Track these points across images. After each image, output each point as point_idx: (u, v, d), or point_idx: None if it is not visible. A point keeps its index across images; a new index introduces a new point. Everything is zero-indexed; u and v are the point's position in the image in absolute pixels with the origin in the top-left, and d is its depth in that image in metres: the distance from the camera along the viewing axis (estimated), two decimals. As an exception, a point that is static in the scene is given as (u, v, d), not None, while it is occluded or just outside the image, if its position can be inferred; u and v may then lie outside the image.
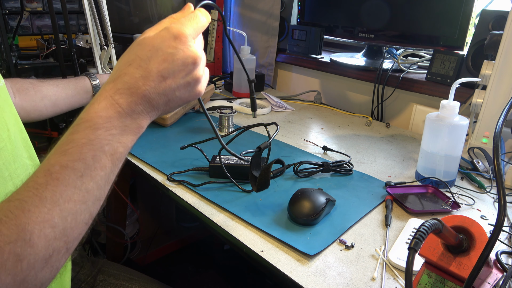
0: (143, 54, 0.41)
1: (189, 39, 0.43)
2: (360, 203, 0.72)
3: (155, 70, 0.41)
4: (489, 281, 0.47)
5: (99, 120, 0.39)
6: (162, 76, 0.42)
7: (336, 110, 1.31)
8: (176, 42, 0.42)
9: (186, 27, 0.43)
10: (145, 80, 0.41)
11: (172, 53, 0.42)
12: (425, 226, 0.39)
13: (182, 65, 0.43)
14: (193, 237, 1.87)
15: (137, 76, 0.41)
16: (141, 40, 0.42)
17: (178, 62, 0.42)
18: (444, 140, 0.76)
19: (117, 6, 1.46)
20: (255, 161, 0.70)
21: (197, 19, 0.45)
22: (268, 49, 1.53)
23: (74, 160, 0.38)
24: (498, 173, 0.39)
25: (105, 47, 1.05)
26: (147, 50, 0.41)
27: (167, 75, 0.42)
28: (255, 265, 0.59)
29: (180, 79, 0.43)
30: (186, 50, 0.42)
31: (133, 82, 0.41)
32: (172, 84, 0.43)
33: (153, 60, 0.41)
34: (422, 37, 1.11)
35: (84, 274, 0.81)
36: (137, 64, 0.41)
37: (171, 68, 0.42)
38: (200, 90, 0.46)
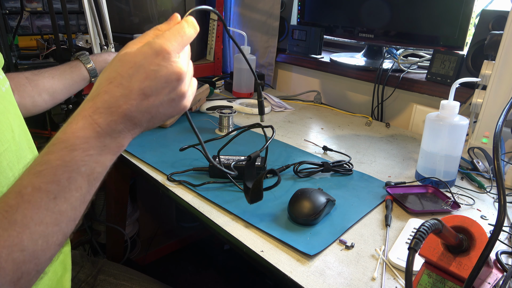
0: (124, 72, 0.39)
1: (173, 55, 0.40)
2: (360, 203, 0.72)
3: (137, 88, 0.39)
4: (489, 281, 0.47)
5: (76, 140, 0.38)
6: (144, 94, 0.40)
7: (336, 110, 1.31)
8: (158, 59, 0.40)
9: (170, 42, 0.40)
10: (126, 98, 0.39)
11: (154, 71, 0.40)
12: (425, 226, 0.39)
13: (165, 82, 0.40)
14: (193, 237, 1.87)
15: (117, 94, 0.39)
16: (122, 56, 0.40)
17: (161, 79, 0.40)
18: (444, 140, 0.76)
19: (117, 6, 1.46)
20: (248, 171, 0.67)
21: (183, 31, 0.42)
22: (268, 49, 1.53)
23: (48, 182, 0.37)
24: (498, 173, 0.39)
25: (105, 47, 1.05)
26: (128, 67, 0.39)
27: (150, 93, 0.40)
28: (255, 265, 0.59)
29: (163, 96, 0.41)
30: (169, 67, 0.40)
31: (113, 101, 0.39)
32: (155, 102, 0.41)
33: (134, 78, 0.39)
34: (422, 37, 1.11)
35: (84, 274, 0.81)
36: (117, 82, 0.39)
37: (153, 85, 0.40)
38: (185, 104, 0.44)
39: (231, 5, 1.61)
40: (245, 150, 0.91)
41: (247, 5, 1.54)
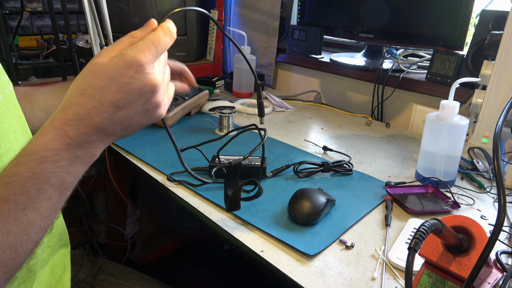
0: (95, 84, 0.38)
1: (147, 67, 0.39)
2: (360, 203, 0.72)
3: (109, 101, 0.38)
4: (489, 281, 0.47)
5: (46, 153, 0.37)
6: (117, 106, 0.39)
7: (336, 110, 1.31)
8: (131, 72, 0.38)
9: (143, 54, 0.39)
10: (98, 111, 0.38)
11: (127, 83, 0.38)
12: (425, 226, 0.39)
13: (138, 95, 0.39)
14: (193, 237, 1.87)
15: (89, 107, 0.38)
16: (94, 67, 0.39)
17: (134, 92, 0.39)
18: (444, 140, 0.76)
19: (117, 6, 1.46)
20: (229, 179, 0.66)
21: (157, 41, 0.40)
22: (268, 49, 1.53)
23: (16, 194, 0.37)
24: (498, 173, 0.39)
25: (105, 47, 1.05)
26: (100, 79, 0.38)
27: (123, 105, 0.39)
28: (255, 265, 0.59)
29: (137, 108, 0.40)
30: (143, 79, 0.39)
31: (84, 113, 0.38)
32: (128, 113, 0.40)
33: (106, 91, 0.38)
34: (422, 37, 1.11)
35: (84, 274, 0.81)
36: (89, 94, 0.38)
37: (126, 98, 0.39)
38: (161, 113, 0.44)
39: (231, 5, 1.61)
40: (245, 150, 0.91)
41: (247, 5, 1.54)
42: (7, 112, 0.53)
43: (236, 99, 1.30)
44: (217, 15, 1.56)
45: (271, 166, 0.84)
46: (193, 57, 1.53)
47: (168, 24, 0.42)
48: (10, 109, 0.55)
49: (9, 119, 0.53)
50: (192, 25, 1.53)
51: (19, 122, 0.56)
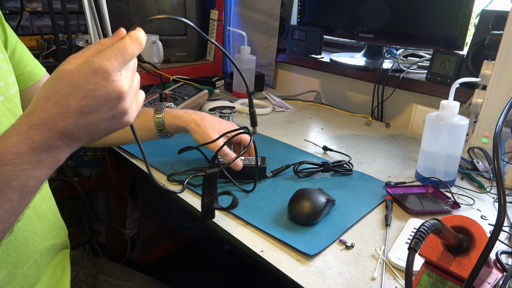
0: (61, 90, 0.38)
1: (112, 74, 0.39)
2: (360, 203, 0.72)
3: (74, 107, 0.39)
4: (489, 281, 0.47)
5: (8, 156, 0.37)
6: (82, 112, 0.39)
7: (336, 110, 1.31)
8: (97, 78, 0.38)
9: (109, 61, 0.39)
10: (63, 116, 0.39)
11: (93, 90, 0.38)
12: (425, 226, 0.39)
13: (104, 101, 0.40)
14: (193, 237, 1.87)
15: (54, 112, 0.38)
16: (61, 73, 0.39)
17: (100, 98, 0.39)
18: (444, 140, 0.76)
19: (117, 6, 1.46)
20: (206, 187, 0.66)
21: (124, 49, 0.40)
22: (268, 49, 1.53)
23: None
24: (498, 173, 0.39)
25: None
26: (66, 86, 0.38)
27: (88, 111, 0.39)
28: (255, 265, 0.59)
29: (103, 114, 0.40)
30: (108, 86, 0.39)
31: (50, 118, 0.38)
32: (94, 119, 0.40)
33: (72, 97, 0.38)
34: (422, 37, 1.11)
35: (85, 274, 0.81)
36: (55, 99, 0.38)
37: (92, 104, 0.39)
38: (128, 119, 0.44)
39: (231, 5, 1.61)
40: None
41: (247, 5, 1.54)
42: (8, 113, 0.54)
43: (236, 99, 1.30)
44: (217, 15, 1.56)
45: (271, 166, 0.84)
46: (193, 57, 1.53)
47: (137, 32, 0.42)
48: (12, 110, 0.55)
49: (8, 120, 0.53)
50: (192, 25, 1.53)
51: None
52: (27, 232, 0.59)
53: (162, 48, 1.37)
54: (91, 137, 0.42)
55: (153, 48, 1.39)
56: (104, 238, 1.51)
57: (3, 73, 0.56)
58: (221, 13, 1.58)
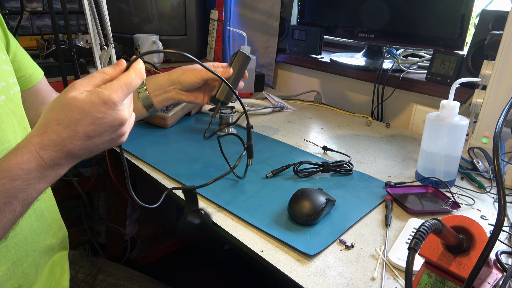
0: (72, 117, 0.43)
1: (118, 105, 0.44)
2: (360, 203, 0.72)
3: (82, 132, 0.43)
4: (489, 281, 0.47)
5: (20, 171, 0.41)
6: (89, 136, 0.44)
7: (336, 110, 1.31)
8: (105, 108, 0.44)
9: (116, 94, 0.44)
10: (71, 139, 0.43)
11: (100, 118, 0.44)
12: (425, 226, 0.39)
13: (109, 127, 0.45)
14: (193, 237, 1.87)
15: (64, 136, 0.43)
16: (71, 101, 0.43)
17: (105, 125, 0.44)
18: (444, 140, 0.76)
19: (117, 6, 1.46)
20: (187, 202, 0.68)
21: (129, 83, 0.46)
22: (268, 49, 1.53)
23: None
24: (498, 173, 0.39)
25: (105, 47, 1.05)
26: (76, 113, 0.43)
27: (94, 135, 0.44)
28: (255, 265, 0.59)
29: (105, 137, 0.46)
30: (114, 114, 0.44)
31: (59, 140, 0.43)
32: (97, 141, 0.45)
33: (81, 123, 0.43)
34: (422, 37, 1.11)
35: (84, 274, 0.81)
36: (65, 124, 0.43)
37: (98, 130, 0.44)
38: (123, 140, 0.49)
39: (231, 5, 1.61)
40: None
41: (247, 5, 1.54)
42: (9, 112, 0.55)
43: (235, 99, 1.30)
44: (217, 15, 1.56)
45: (271, 166, 0.84)
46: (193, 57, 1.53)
47: (139, 65, 0.48)
48: (13, 110, 0.56)
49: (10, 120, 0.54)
50: (192, 25, 1.53)
51: (21, 123, 0.58)
52: (26, 230, 0.59)
53: (162, 48, 1.37)
54: (89, 155, 0.47)
55: (153, 48, 1.39)
56: (104, 238, 1.51)
57: (5, 74, 0.57)
58: (221, 13, 1.58)
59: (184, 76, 0.73)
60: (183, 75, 0.73)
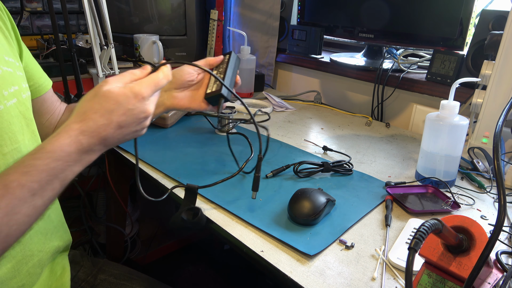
0: (107, 107, 0.49)
1: (146, 99, 0.51)
2: (360, 203, 0.72)
3: (115, 121, 0.49)
4: (489, 281, 0.47)
5: (62, 153, 0.47)
6: (120, 126, 0.50)
7: (336, 110, 1.31)
8: (135, 100, 0.50)
9: (145, 89, 0.51)
10: (106, 127, 0.49)
11: (131, 109, 0.50)
12: (425, 226, 0.39)
13: (136, 119, 0.51)
14: (193, 237, 1.87)
15: (100, 123, 0.49)
16: (106, 93, 0.49)
17: (134, 116, 0.51)
18: (444, 140, 0.76)
19: (117, 6, 1.46)
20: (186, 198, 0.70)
21: (157, 81, 0.53)
22: (268, 49, 1.53)
23: (32, 181, 0.45)
24: (498, 173, 0.39)
25: (105, 47, 1.05)
26: (111, 103, 0.49)
27: (124, 125, 0.50)
28: (255, 265, 0.59)
29: (132, 128, 0.52)
30: (141, 107, 0.51)
31: (96, 127, 0.49)
32: (125, 131, 0.51)
33: (115, 113, 0.49)
34: (422, 37, 1.11)
35: (85, 273, 0.81)
36: (101, 113, 0.49)
37: (127, 120, 0.50)
38: (142, 133, 0.55)
39: (231, 5, 1.61)
40: (246, 150, 0.91)
41: (247, 5, 1.54)
42: (19, 115, 0.57)
43: (235, 99, 1.30)
44: (217, 15, 1.56)
45: (271, 166, 0.84)
46: (193, 57, 1.53)
47: (166, 68, 0.55)
48: (23, 113, 0.59)
49: (20, 122, 0.57)
50: (192, 25, 1.53)
51: (30, 126, 0.60)
52: (31, 230, 0.60)
53: (162, 48, 1.37)
54: (116, 144, 0.52)
55: (153, 48, 1.39)
56: (104, 238, 1.51)
57: (18, 79, 0.59)
58: (221, 13, 1.58)
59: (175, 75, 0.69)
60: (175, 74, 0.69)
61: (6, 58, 0.57)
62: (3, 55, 0.57)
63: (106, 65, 1.09)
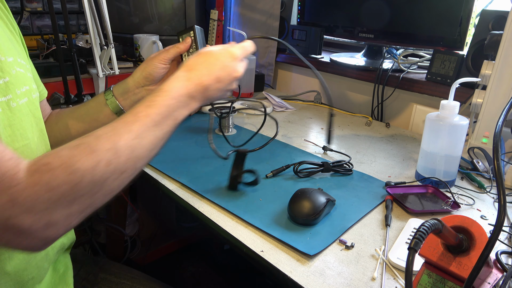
0: (209, 61, 0.60)
1: (238, 60, 0.63)
2: (360, 203, 0.72)
3: (215, 73, 0.60)
4: (489, 281, 0.47)
5: (175, 93, 0.55)
6: (218, 78, 0.60)
7: (336, 110, 1.31)
8: (230, 59, 0.62)
9: (238, 51, 0.63)
10: (207, 77, 0.59)
11: (227, 65, 0.61)
12: (425, 226, 0.39)
13: (230, 76, 0.61)
14: (193, 237, 1.87)
15: (203, 73, 0.59)
16: (208, 51, 0.61)
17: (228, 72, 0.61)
18: (444, 140, 0.76)
19: (117, 6, 1.46)
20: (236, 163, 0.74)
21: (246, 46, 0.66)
22: (268, 49, 1.53)
23: (155, 113, 0.52)
24: (498, 173, 0.39)
25: (105, 47, 1.05)
26: (212, 58, 0.60)
27: (220, 79, 0.60)
28: (255, 265, 0.59)
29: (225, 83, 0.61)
30: (235, 66, 0.62)
31: (200, 75, 0.58)
32: (220, 86, 0.60)
33: (215, 66, 0.60)
34: (422, 37, 1.11)
35: (85, 272, 0.82)
36: (204, 65, 0.59)
37: (223, 75, 0.60)
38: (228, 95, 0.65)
39: (231, 5, 1.61)
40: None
41: (247, 5, 1.54)
42: (29, 113, 0.59)
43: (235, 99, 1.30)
44: (217, 15, 1.56)
45: (271, 166, 0.84)
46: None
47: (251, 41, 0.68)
48: (33, 112, 0.60)
49: (29, 120, 0.59)
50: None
51: (38, 125, 0.62)
52: None
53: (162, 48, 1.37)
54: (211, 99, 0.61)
55: (153, 48, 1.39)
56: (104, 238, 1.51)
57: (29, 80, 0.61)
58: (221, 13, 1.58)
59: (147, 68, 0.72)
60: (146, 68, 0.72)
61: (19, 60, 0.59)
62: (16, 57, 0.59)
63: (106, 65, 1.09)
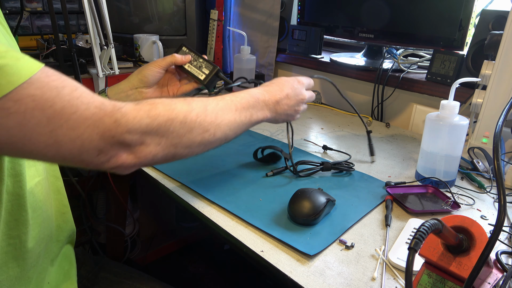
0: (281, 83, 0.72)
1: (303, 86, 0.75)
2: (360, 203, 0.72)
3: (285, 91, 0.71)
4: (489, 281, 0.47)
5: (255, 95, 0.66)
6: (287, 96, 0.71)
7: (336, 110, 1.31)
8: (297, 84, 0.74)
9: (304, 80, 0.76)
10: (279, 93, 0.70)
11: (295, 88, 0.73)
12: (425, 226, 0.39)
13: (297, 97, 0.73)
14: (193, 237, 1.87)
15: (276, 89, 0.71)
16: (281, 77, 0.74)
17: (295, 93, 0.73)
18: (444, 140, 0.76)
19: (117, 6, 1.46)
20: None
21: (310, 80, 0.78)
22: (268, 49, 1.53)
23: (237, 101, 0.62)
24: (498, 173, 0.39)
25: (105, 47, 1.05)
26: (284, 80, 0.73)
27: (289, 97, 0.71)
28: (255, 265, 0.59)
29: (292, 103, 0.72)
30: (300, 90, 0.74)
31: (274, 91, 0.70)
32: (289, 103, 0.72)
33: (286, 86, 0.72)
34: (422, 37, 1.11)
35: (86, 271, 0.82)
36: (277, 84, 0.72)
37: (292, 94, 0.72)
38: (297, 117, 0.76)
39: (231, 5, 1.61)
40: (245, 150, 0.91)
41: (247, 5, 1.54)
42: None
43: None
44: (217, 15, 1.56)
45: (270, 166, 0.84)
46: (193, 57, 1.53)
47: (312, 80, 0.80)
48: None
49: None
50: (192, 25, 1.53)
51: None
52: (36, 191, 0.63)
53: (162, 48, 1.37)
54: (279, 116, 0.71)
55: (153, 48, 1.39)
56: (104, 238, 1.51)
57: None
58: (221, 13, 1.58)
59: (142, 71, 0.77)
60: (142, 71, 0.78)
61: None
62: None
63: (106, 65, 1.09)
